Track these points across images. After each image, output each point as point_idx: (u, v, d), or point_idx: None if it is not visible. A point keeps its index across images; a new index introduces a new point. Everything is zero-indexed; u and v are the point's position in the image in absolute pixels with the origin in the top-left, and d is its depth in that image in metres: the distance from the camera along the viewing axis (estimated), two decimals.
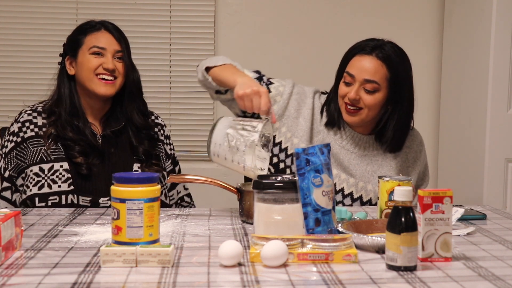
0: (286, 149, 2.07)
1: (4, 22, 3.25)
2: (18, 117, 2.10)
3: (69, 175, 2.01)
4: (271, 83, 2.10)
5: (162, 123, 2.26)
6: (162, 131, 2.23)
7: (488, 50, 2.79)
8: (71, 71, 2.12)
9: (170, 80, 3.31)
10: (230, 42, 3.32)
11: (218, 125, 1.78)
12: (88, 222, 1.71)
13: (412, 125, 2.14)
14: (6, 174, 2.04)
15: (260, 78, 2.10)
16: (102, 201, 2.01)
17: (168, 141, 2.25)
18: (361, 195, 2.07)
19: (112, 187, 1.35)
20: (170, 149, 2.25)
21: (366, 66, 1.99)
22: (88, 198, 2.00)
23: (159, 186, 1.36)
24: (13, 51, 3.26)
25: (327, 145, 1.48)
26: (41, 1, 3.25)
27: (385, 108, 2.04)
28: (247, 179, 2.13)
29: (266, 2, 3.34)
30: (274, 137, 2.07)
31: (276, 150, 2.08)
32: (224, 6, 3.32)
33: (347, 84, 2.02)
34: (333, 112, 2.09)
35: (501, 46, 2.77)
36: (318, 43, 3.34)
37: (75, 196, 1.99)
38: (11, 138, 2.07)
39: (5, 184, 2.05)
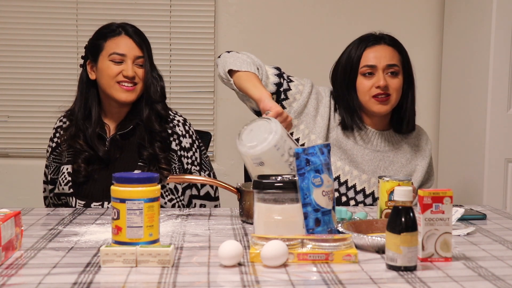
0: (303, 145, 2.11)
1: (4, 22, 3.24)
2: (55, 124, 2.20)
3: (70, 178, 2.06)
4: (291, 81, 2.14)
5: (180, 133, 2.12)
6: (177, 141, 2.11)
7: (488, 50, 2.79)
8: (92, 75, 2.10)
9: (170, 80, 3.31)
10: (230, 42, 3.32)
11: (278, 128, 1.65)
12: (88, 222, 1.71)
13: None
14: (49, 177, 2.16)
15: (280, 75, 2.14)
16: (94, 205, 2.02)
17: (186, 153, 2.12)
18: (373, 190, 2.12)
19: (112, 187, 1.34)
20: (187, 163, 2.12)
21: (384, 53, 2.09)
22: (83, 202, 2.04)
23: (159, 186, 1.36)
24: (13, 51, 3.25)
25: (327, 145, 1.49)
26: (41, 1, 3.24)
27: (404, 92, 2.14)
28: (247, 180, 2.13)
29: (266, 2, 3.33)
30: (292, 133, 2.11)
31: None
32: (224, 6, 3.32)
33: (369, 76, 2.09)
34: (352, 115, 2.13)
35: (501, 46, 2.77)
36: (318, 43, 3.33)
37: (73, 198, 2.05)
38: (50, 143, 2.18)
39: (50, 186, 2.16)
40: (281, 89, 2.10)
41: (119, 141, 2.09)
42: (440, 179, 3.32)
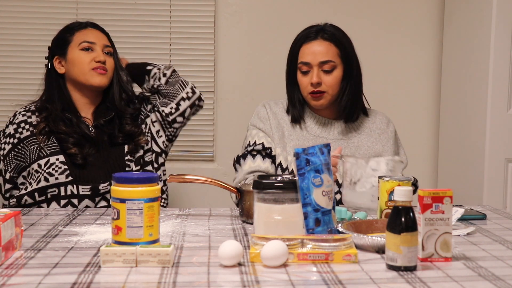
0: (280, 163, 2.16)
1: (4, 22, 3.24)
2: (13, 119, 2.14)
3: (66, 167, 2.04)
4: (256, 144, 2.18)
5: (143, 97, 2.31)
6: (144, 105, 2.27)
7: (488, 50, 2.79)
8: (61, 70, 2.17)
9: None
10: (230, 42, 3.32)
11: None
12: (88, 222, 1.71)
13: (363, 97, 2.22)
14: (7, 176, 2.09)
15: (253, 155, 2.17)
16: (102, 187, 2.03)
17: (155, 108, 2.28)
18: None
19: (112, 187, 1.35)
20: (162, 111, 2.28)
21: (318, 50, 2.11)
22: (88, 187, 2.02)
23: (159, 186, 1.36)
24: (14, 51, 3.25)
25: (327, 145, 1.49)
26: (41, 1, 3.24)
27: (342, 84, 2.14)
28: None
29: (266, 2, 3.33)
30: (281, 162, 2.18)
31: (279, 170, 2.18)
32: (224, 6, 3.32)
33: (305, 73, 2.13)
34: (296, 108, 2.18)
35: (501, 46, 2.77)
36: None
37: (74, 186, 2.02)
38: (7, 140, 2.10)
39: (7, 185, 2.09)
40: (264, 153, 2.15)
41: (104, 126, 2.16)
42: (440, 179, 3.32)
